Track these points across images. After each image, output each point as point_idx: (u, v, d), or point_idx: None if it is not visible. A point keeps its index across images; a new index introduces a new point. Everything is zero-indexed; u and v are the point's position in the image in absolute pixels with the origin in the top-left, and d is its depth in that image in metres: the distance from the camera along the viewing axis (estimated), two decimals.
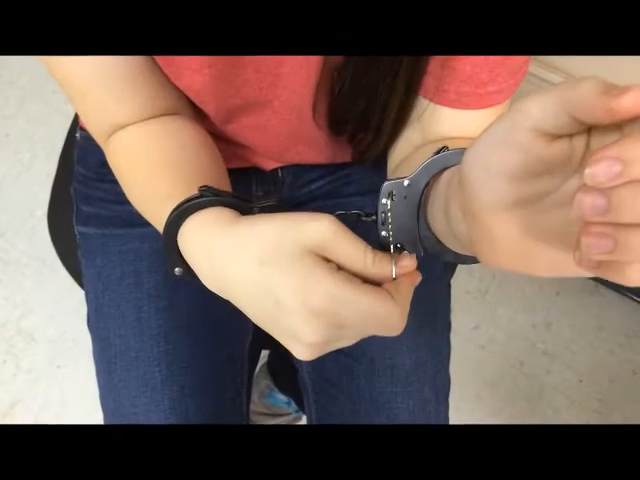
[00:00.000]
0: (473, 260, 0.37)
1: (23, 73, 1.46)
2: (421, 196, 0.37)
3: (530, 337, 1.25)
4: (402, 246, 0.38)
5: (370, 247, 0.35)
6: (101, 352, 0.61)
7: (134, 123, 0.51)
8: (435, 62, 0.47)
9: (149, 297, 0.60)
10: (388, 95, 0.47)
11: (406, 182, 0.37)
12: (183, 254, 0.41)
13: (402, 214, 0.37)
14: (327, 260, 0.35)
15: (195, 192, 0.41)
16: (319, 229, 0.34)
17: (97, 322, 0.62)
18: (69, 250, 0.74)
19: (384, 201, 0.37)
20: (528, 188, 0.27)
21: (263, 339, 0.72)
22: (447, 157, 0.36)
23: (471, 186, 0.28)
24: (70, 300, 1.24)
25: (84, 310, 0.66)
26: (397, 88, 0.47)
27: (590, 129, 0.25)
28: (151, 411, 0.57)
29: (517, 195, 0.27)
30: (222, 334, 0.64)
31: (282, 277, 0.34)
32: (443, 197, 0.34)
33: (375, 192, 0.66)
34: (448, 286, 0.69)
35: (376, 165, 0.58)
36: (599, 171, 0.21)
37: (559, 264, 0.27)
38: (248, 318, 0.65)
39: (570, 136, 0.25)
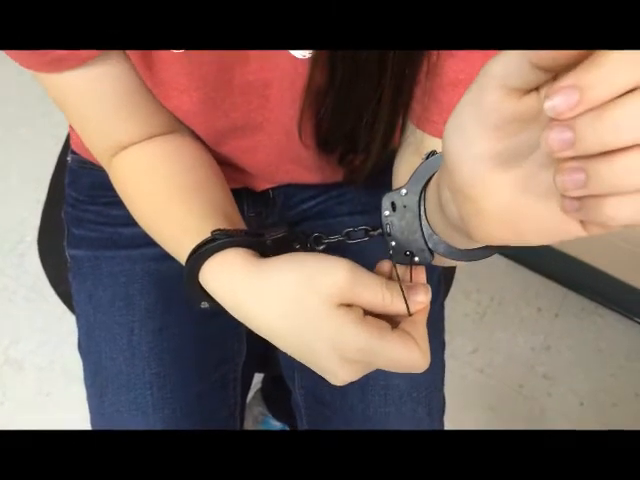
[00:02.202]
0: (482, 255, 0.38)
1: (11, 97, 1.46)
2: (419, 202, 0.38)
3: (529, 360, 1.24)
4: (412, 252, 0.40)
5: (385, 283, 0.38)
6: (92, 376, 0.60)
7: (135, 143, 0.51)
8: (420, 89, 0.47)
9: (140, 320, 0.60)
10: (373, 118, 0.48)
11: (403, 191, 0.38)
12: (208, 291, 0.44)
13: (405, 222, 0.39)
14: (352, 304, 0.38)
15: (208, 235, 0.43)
16: (336, 283, 0.37)
17: (88, 345, 0.61)
18: (60, 275, 0.73)
19: (386, 213, 0.39)
20: (506, 149, 0.27)
21: (256, 362, 0.71)
22: (435, 161, 0.37)
23: (452, 158, 0.28)
24: (59, 328, 1.22)
25: (73, 338, 0.65)
26: (381, 112, 0.47)
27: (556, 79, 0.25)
28: None
29: (497, 158, 0.27)
30: (214, 356, 0.63)
31: (315, 332, 0.38)
32: (435, 193, 0.35)
33: (367, 212, 0.67)
34: (442, 306, 0.69)
35: (368, 185, 0.58)
36: (558, 102, 0.21)
37: (548, 226, 0.27)
38: (241, 340, 0.65)
39: (538, 89, 0.25)
